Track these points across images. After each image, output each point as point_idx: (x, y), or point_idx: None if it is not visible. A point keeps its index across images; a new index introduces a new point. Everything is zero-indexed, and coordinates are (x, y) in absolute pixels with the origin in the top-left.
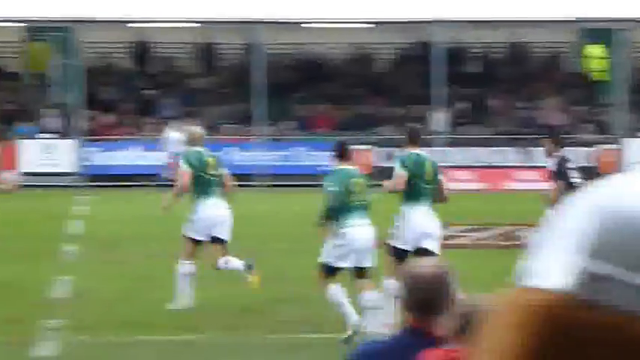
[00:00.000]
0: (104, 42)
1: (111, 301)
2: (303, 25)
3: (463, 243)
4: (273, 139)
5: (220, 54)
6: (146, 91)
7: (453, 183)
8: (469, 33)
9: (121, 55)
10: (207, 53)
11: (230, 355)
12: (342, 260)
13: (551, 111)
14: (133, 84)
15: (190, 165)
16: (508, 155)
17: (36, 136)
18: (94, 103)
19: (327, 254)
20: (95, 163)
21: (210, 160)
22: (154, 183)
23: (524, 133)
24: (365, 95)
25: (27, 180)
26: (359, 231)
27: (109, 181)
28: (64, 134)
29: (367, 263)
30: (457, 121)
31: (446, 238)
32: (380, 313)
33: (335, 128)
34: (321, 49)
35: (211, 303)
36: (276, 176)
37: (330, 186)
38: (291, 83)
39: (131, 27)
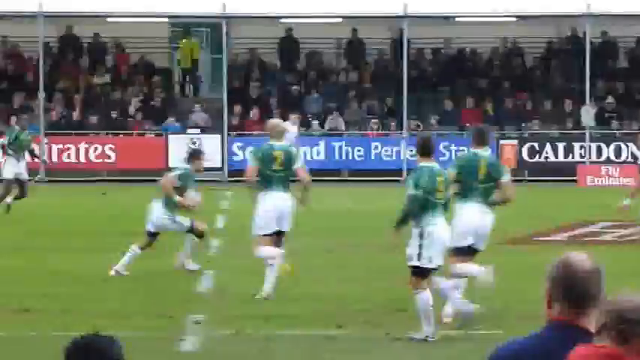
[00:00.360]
0: (252, 37)
1: (253, 296)
2: (449, 18)
3: (607, 239)
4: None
5: (366, 49)
6: (292, 87)
7: (602, 178)
8: (619, 27)
9: (269, 51)
10: (353, 48)
11: (372, 351)
12: (430, 260)
13: None
14: (279, 79)
15: (257, 159)
16: None
17: (183, 131)
18: (240, 98)
19: (415, 256)
20: (240, 158)
21: (278, 154)
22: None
23: None
24: (512, 89)
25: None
26: (440, 229)
27: None
28: (210, 130)
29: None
30: (606, 116)
31: (594, 234)
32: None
33: (482, 123)
34: (468, 43)
35: (354, 298)
36: None
37: (411, 186)
38: (438, 78)
39: (279, 22)
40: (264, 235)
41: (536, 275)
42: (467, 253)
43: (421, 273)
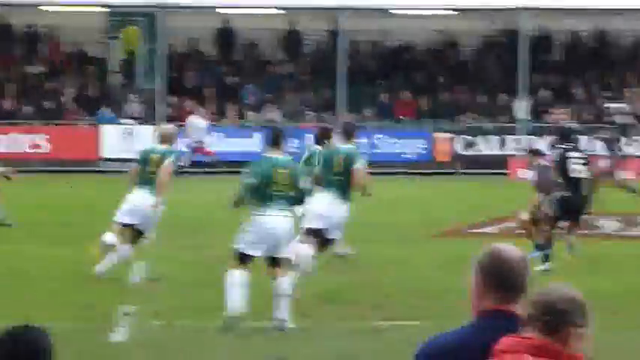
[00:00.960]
0: (189, 28)
1: (187, 287)
2: (387, 11)
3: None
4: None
5: (304, 41)
6: (229, 78)
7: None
8: (555, 21)
9: (206, 42)
10: (290, 40)
11: (301, 342)
12: (253, 248)
13: (637, 100)
14: (216, 70)
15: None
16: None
17: (117, 121)
18: (177, 89)
19: (240, 240)
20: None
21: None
22: (237, 170)
23: (609, 122)
24: (448, 83)
25: (108, 166)
26: (273, 220)
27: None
28: (145, 120)
29: (281, 253)
30: (540, 110)
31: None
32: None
33: (418, 116)
34: (405, 36)
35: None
36: None
37: (247, 174)
38: (375, 70)
39: (216, 13)
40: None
41: (469, 267)
42: (317, 236)
43: (240, 256)
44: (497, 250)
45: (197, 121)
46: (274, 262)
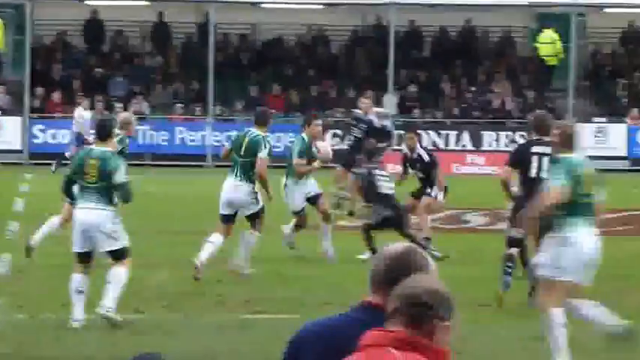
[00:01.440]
0: (57, 19)
1: (51, 280)
2: (256, 4)
3: None
4: (224, 120)
5: (173, 33)
6: (97, 70)
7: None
8: (423, 16)
9: (74, 33)
10: (159, 32)
11: (170, 336)
12: (74, 244)
13: (504, 95)
14: (83, 62)
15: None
16: (458, 139)
17: None
18: (44, 80)
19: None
20: (41, 141)
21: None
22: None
23: (476, 117)
24: (317, 77)
25: None
26: (81, 213)
27: (52, 159)
28: (11, 111)
29: (101, 248)
30: (408, 105)
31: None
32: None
33: (287, 110)
34: (275, 30)
35: (153, 282)
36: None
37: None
38: (244, 64)
39: (84, 5)
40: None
41: (339, 261)
42: (229, 221)
43: (77, 255)
44: (384, 248)
45: (82, 113)
46: (88, 257)
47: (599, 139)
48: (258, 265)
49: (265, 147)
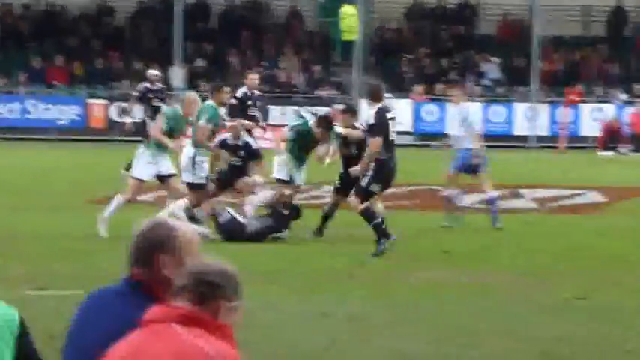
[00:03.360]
0: None
1: None
2: None
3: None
4: (6, 92)
5: None
6: None
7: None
8: None
9: None
10: None
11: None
12: None
13: (291, 69)
14: None
15: None
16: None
17: None
18: None
19: None
20: None
21: None
22: None
23: (264, 91)
24: (103, 49)
25: None
26: None
27: None
28: None
29: None
30: (196, 78)
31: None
32: None
33: (71, 82)
34: (58, 0)
35: None
36: (9, 129)
37: None
38: (26, 34)
39: None
40: None
41: (124, 234)
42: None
43: None
44: (161, 221)
45: None
46: None
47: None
48: (41, 241)
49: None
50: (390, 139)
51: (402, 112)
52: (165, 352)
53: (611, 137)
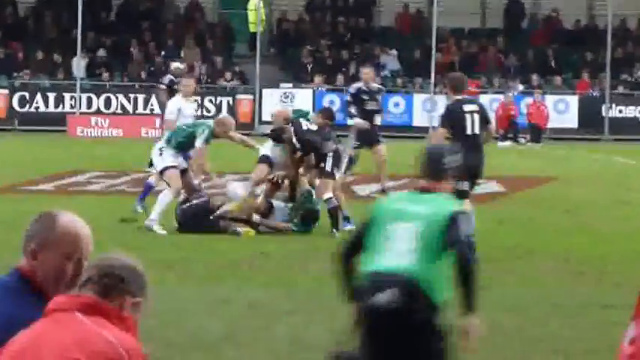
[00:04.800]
0: None
1: None
2: None
3: (94, 189)
4: None
5: None
6: None
7: (92, 129)
8: None
9: None
10: None
11: None
12: None
13: (193, 60)
14: None
15: None
16: (147, 103)
17: None
18: None
19: None
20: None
21: None
22: None
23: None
24: (4, 38)
25: None
26: None
27: None
28: None
29: None
30: (96, 69)
31: (81, 184)
32: None
33: None
34: None
35: None
36: None
37: None
38: None
39: None
40: None
41: (21, 224)
42: None
43: None
44: (46, 214)
45: None
46: None
47: (286, 104)
48: None
49: None
50: (467, 133)
51: (302, 101)
52: (68, 340)
53: (510, 127)
